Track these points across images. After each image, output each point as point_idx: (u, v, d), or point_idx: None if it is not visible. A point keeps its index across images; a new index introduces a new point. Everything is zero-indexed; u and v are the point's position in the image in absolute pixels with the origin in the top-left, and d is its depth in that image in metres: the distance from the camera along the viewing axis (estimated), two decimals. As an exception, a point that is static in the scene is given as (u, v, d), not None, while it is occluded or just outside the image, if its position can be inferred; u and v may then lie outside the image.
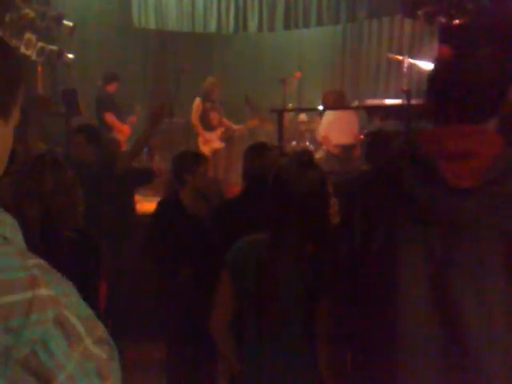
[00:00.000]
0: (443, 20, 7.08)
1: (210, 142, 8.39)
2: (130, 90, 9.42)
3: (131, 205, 5.24)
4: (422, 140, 1.52)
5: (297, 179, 2.23)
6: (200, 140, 8.42)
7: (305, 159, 2.30)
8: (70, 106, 6.93)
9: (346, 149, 7.42)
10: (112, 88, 8.48)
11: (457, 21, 6.74)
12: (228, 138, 8.69)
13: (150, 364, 4.66)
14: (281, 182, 2.28)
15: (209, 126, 8.41)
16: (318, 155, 8.01)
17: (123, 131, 8.23)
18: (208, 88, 8.40)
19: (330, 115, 7.92)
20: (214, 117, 8.43)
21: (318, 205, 2.24)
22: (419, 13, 7.54)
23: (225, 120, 8.74)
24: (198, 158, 4.08)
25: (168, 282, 3.92)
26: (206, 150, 8.17)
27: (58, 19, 8.37)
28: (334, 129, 7.74)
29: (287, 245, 2.21)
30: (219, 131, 8.51)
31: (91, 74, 9.62)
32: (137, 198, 7.34)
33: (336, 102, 7.95)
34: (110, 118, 8.10)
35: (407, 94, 6.14)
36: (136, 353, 4.83)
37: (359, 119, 7.94)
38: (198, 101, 8.37)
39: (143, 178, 5.35)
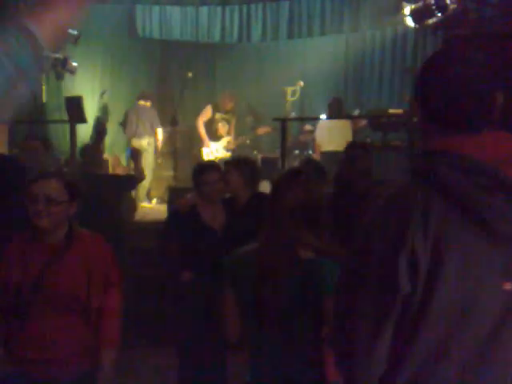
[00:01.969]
0: (446, 30, 7.12)
1: (215, 152, 8.45)
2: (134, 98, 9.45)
3: (117, 210, 5.36)
4: (466, 149, 1.41)
5: (286, 190, 2.31)
6: (204, 150, 8.48)
7: (299, 170, 2.38)
8: (74, 114, 6.94)
9: (330, 157, 7.27)
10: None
11: (460, 31, 6.77)
12: (234, 147, 8.73)
13: (154, 368, 4.67)
14: (273, 192, 2.38)
15: (215, 136, 8.48)
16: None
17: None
18: (220, 100, 8.55)
19: (324, 123, 8.00)
20: (222, 128, 8.51)
21: (308, 214, 2.29)
22: (424, 23, 7.58)
23: (232, 134, 8.80)
24: (204, 167, 4.13)
25: (174, 284, 4.01)
26: (209, 159, 8.25)
27: (63, 28, 8.42)
28: (325, 136, 7.81)
29: (276, 252, 2.25)
30: (225, 141, 8.56)
31: (96, 82, 9.67)
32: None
33: (333, 108, 8.03)
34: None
35: (411, 102, 6.16)
36: (135, 357, 4.84)
37: (356, 128, 7.98)
38: (208, 108, 8.50)
39: (127, 185, 5.52)
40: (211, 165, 4.25)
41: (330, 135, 7.76)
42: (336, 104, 8.19)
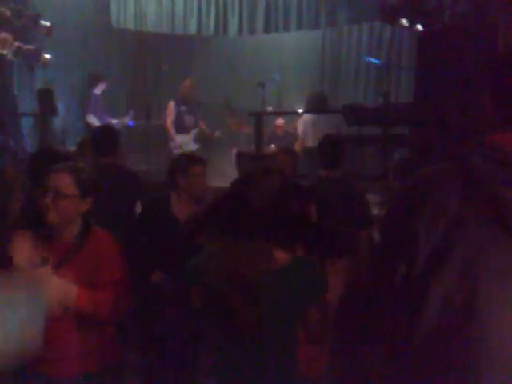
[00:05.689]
0: (421, 26, 7.12)
1: (183, 145, 8.30)
2: (110, 89, 9.33)
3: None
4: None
5: (255, 186, 2.16)
6: (172, 144, 8.31)
7: (269, 166, 2.25)
8: (46, 106, 6.84)
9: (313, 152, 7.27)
10: (98, 89, 8.44)
11: (435, 27, 6.78)
12: (203, 139, 8.60)
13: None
14: (239, 188, 2.23)
15: (182, 129, 8.32)
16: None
17: None
18: (184, 91, 8.34)
19: (308, 117, 7.94)
20: (189, 120, 8.35)
21: (279, 212, 2.13)
22: (398, 19, 7.58)
23: (202, 123, 8.67)
24: (192, 159, 3.90)
25: (142, 285, 3.83)
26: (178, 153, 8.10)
27: (35, 19, 8.29)
28: (310, 131, 7.78)
29: (247, 259, 2.09)
30: (193, 133, 8.43)
31: (69, 74, 9.53)
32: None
33: (316, 103, 7.99)
34: (91, 119, 8.04)
35: (385, 96, 6.14)
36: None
37: (337, 122, 7.96)
38: (171, 104, 8.27)
39: None
40: (197, 158, 4.02)
41: (314, 130, 7.70)
42: (321, 98, 8.15)
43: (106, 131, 4.69)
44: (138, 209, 4.27)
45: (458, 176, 1.41)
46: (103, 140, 4.48)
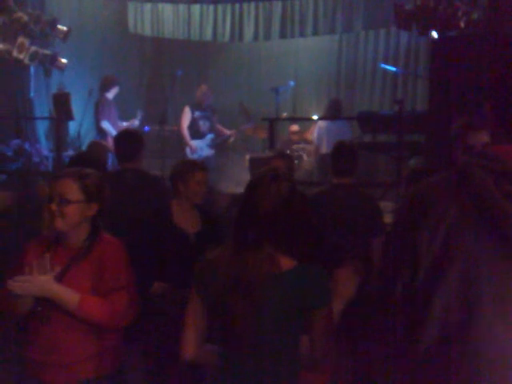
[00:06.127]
0: (436, 32, 7.09)
1: (199, 150, 8.34)
2: (126, 95, 9.39)
3: None
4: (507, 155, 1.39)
5: (264, 192, 2.11)
6: (187, 150, 8.36)
7: (278, 171, 2.20)
8: (62, 111, 6.89)
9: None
10: (111, 94, 8.41)
11: (450, 33, 6.74)
12: (218, 144, 8.65)
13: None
14: (248, 193, 2.18)
15: (198, 134, 8.37)
16: (310, 164, 8.02)
17: None
18: (199, 97, 8.40)
19: (322, 124, 7.94)
20: (204, 125, 8.39)
21: (287, 219, 2.11)
22: (413, 25, 7.54)
23: (219, 127, 8.70)
24: (194, 165, 3.81)
25: (144, 294, 3.75)
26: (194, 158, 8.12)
27: (52, 23, 8.35)
28: (324, 137, 7.77)
29: (252, 263, 2.07)
30: (209, 138, 8.46)
31: (85, 78, 9.59)
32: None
33: (332, 109, 7.98)
34: (105, 125, 8.05)
35: (400, 104, 6.11)
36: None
37: (352, 129, 7.95)
38: (186, 110, 8.33)
39: None
40: (199, 164, 3.89)
41: (329, 137, 7.68)
42: (335, 105, 8.15)
43: (130, 135, 4.56)
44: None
45: (458, 187, 1.41)
46: (127, 144, 4.38)
